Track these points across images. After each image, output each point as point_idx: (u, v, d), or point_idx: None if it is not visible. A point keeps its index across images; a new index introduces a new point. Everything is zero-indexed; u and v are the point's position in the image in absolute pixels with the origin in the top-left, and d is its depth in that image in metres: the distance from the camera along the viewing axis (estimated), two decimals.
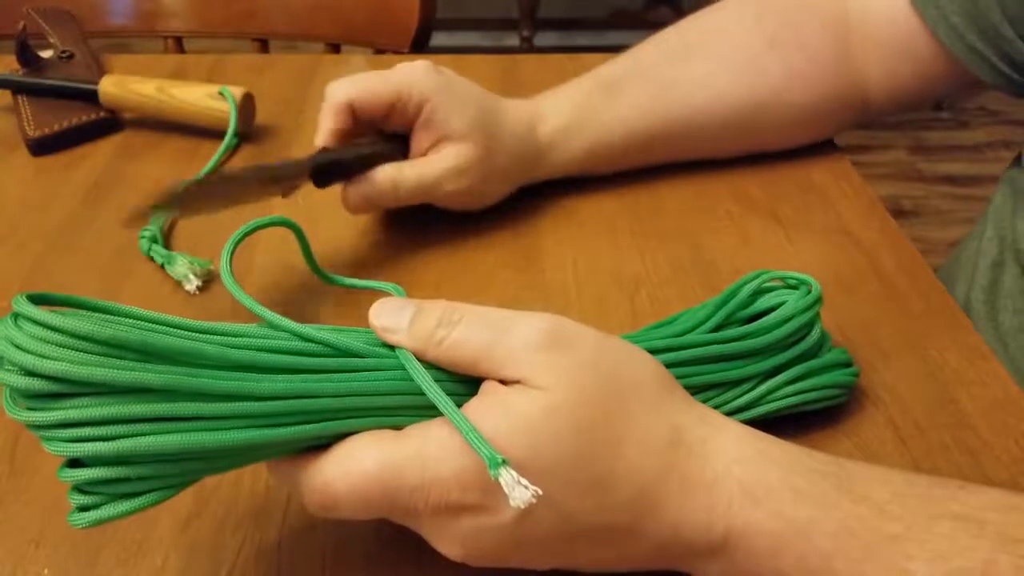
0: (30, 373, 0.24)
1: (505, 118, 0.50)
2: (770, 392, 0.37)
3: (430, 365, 0.30)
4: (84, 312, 0.26)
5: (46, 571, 0.33)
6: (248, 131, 0.62)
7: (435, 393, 0.28)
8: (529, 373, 0.28)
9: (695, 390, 0.35)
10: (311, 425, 0.28)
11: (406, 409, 0.29)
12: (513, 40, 2.46)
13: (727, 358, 0.36)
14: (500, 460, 0.26)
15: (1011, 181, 0.55)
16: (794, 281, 0.39)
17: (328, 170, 0.47)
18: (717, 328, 0.37)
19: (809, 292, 0.38)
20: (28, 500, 0.36)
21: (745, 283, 0.39)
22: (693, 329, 0.37)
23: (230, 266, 0.33)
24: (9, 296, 0.47)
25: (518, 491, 0.25)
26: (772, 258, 0.50)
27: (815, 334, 0.38)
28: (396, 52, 0.88)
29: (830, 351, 0.39)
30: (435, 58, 0.76)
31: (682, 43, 0.57)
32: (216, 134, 0.61)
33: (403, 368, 0.29)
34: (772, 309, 0.38)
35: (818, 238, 0.52)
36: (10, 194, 0.56)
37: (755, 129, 0.56)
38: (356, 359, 0.29)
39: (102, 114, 0.62)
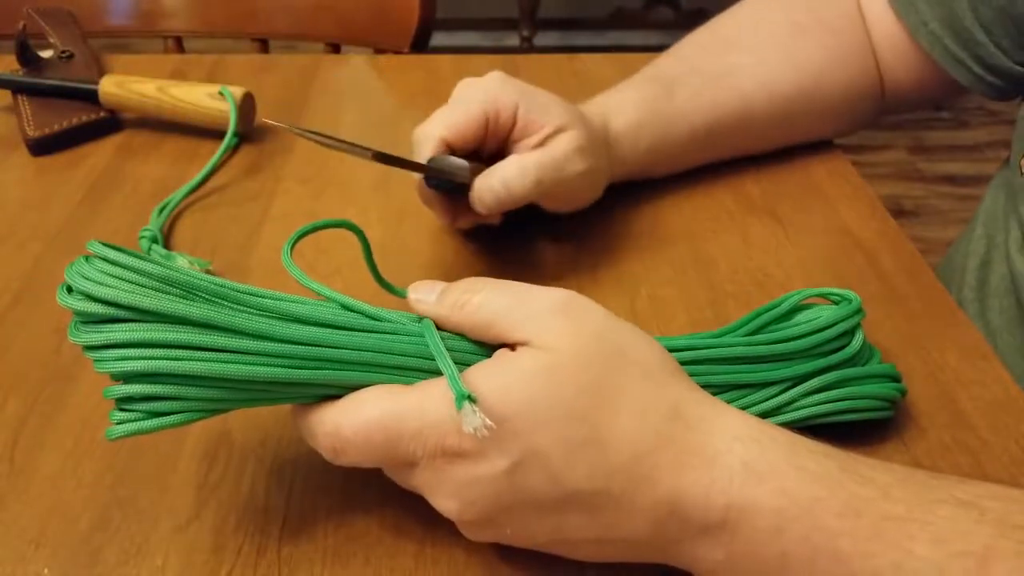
0: (89, 298, 0.28)
1: (585, 112, 0.49)
2: (799, 398, 0.37)
3: (453, 335, 0.32)
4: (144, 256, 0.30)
5: (46, 571, 0.33)
6: (248, 131, 0.62)
7: (437, 347, 0.31)
8: (535, 335, 0.30)
9: (718, 389, 0.36)
10: (329, 372, 0.30)
11: (420, 372, 0.32)
12: (513, 40, 2.46)
13: (755, 360, 0.36)
14: (466, 394, 0.28)
15: (1005, 183, 0.55)
16: (836, 297, 0.39)
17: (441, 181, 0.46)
18: (751, 334, 0.38)
19: (849, 304, 0.38)
20: (28, 500, 0.36)
21: (787, 298, 0.39)
22: (727, 334, 0.38)
23: (291, 254, 0.35)
24: (9, 295, 0.47)
25: (474, 420, 0.27)
26: (772, 258, 0.50)
27: (855, 345, 0.38)
28: (396, 52, 0.88)
29: (875, 364, 0.39)
30: (435, 58, 0.76)
31: (719, 38, 0.57)
32: (216, 134, 0.61)
33: (422, 335, 0.32)
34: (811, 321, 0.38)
35: (818, 238, 0.52)
36: (10, 194, 0.56)
37: (797, 116, 0.56)
38: (380, 322, 0.32)
39: (102, 114, 0.62)
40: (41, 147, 0.60)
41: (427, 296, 0.33)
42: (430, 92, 0.67)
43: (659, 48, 0.59)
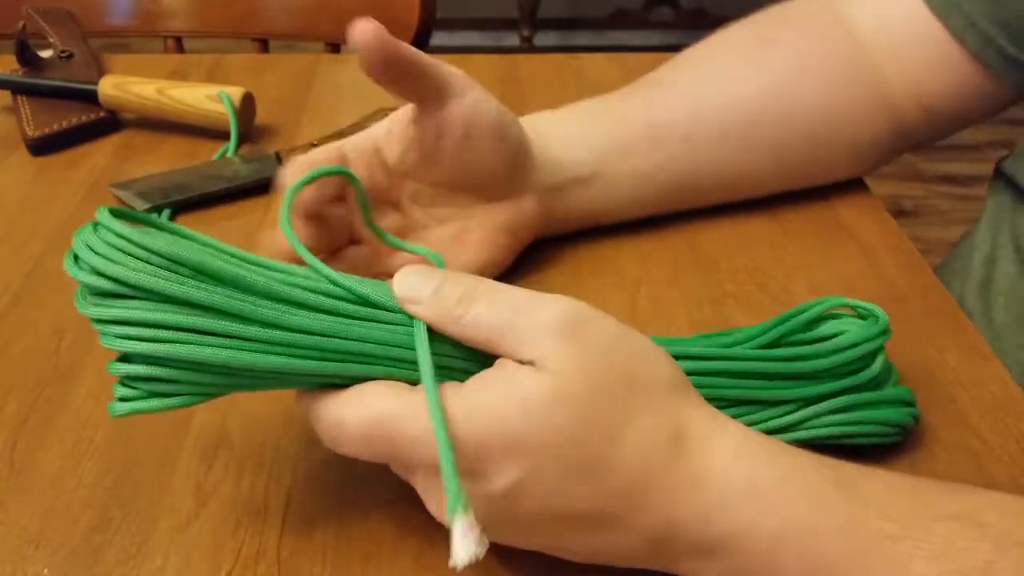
0: (97, 273, 0.27)
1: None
2: (811, 418, 0.36)
3: (445, 339, 0.31)
4: (154, 230, 0.29)
5: (45, 571, 0.33)
6: (248, 131, 0.62)
7: (428, 379, 0.29)
8: (541, 356, 0.29)
9: (727, 403, 0.35)
10: (334, 363, 0.30)
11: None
12: (513, 40, 2.46)
13: (772, 376, 0.35)
14: (460, 505, 0.26)
15: (1006, 179, 0.55)
16: (864, 311, 0.38)
17: None
18: (770, 344, 0.36)
19: (876, 322, 0.36)
20: (28, 500, 0.36)
21: (811, 306, 0.37)
22: (744, 342, 0.36)
23: (289, 213, 0.34)
24: (8, 295, 0.47)
25: (464, 545, 0.25)
26: (773, 258, 0.50)
27: (875, 367, 0.36)
28: None
29: (893, 388, 0.37)
30: (435, 57, 0.76)
31: (682, 57, 0.54)
32: (216, 134, 0.61)
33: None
34: (834, 336, 0.36)
35: (818, 238, 0.52)
36: (10, 194, 0.56)
37: (774, 127, 0.51)
38: (385, 312, 0.31)
39: (102, 114, 0.62)
40: (41, 147, 0.60)
41: (417, 293, 0.31)
42: None
43: (659, 48, 0.58)
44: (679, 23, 2.51)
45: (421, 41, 0.88)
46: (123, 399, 0.29)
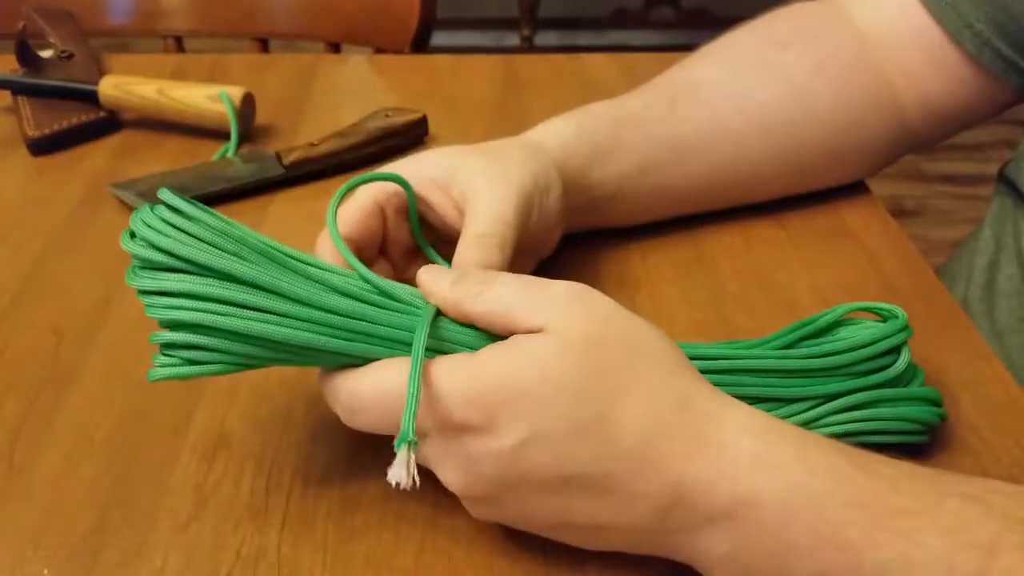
0: (150, 245, 0.30)
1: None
2: (830, 415, 0.36)
3: (462, 327, 0.33)
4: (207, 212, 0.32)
5: (45, 571, 0.33)
6: (248, 131, 0.62)
7: (418, 339, 0.31)
8: (549, 321, 0.31)
9: (747, 401, 0.33)
10: (361, 345, 0.32)
11: (443, 354, 0.33)
12: (513, 39, 2.46)
13: (788, 374, 0.36)
14: (411, 440, 0.29)
15: (1008, 183, 0.55)
16: (884, 312, 0.38)
17: None
18: (788, 347, 0.37)
19: (896, 321, 0.36)
20: (27, 501, 0.36)
21: (826, 313, 0.37)
22: (760, 345, 0.37)
23: (335, 215, 0.37)
24: (7, 295, 0.47)
25: (399, 469, 0.29)
26: (773, 258, 0.50)
27: (899, 365, 0.36)
28: (396, 51, 0.88)
29: (915, 388, 0.37)
30: (435, 58, 0.76)
31: (690, 67, 0.53)
32: (216, 134, 0.61)
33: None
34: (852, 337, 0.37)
35: (819, 238, 0.52)
36: (10, 194, 0.56)
37: (790, 133, 0.51)
38: (406, 304, 0.33)
39: (101, 114, 0.62)
40: (41, 147, 0.60)
41: (440, 278, 0.33)
42: (430, 92, 0.67)
43: (660, 48, 0.58)
44: (680, 23, 2.51)
45: (421, 41, 0.88)
46: (162, 365, 0.31)
